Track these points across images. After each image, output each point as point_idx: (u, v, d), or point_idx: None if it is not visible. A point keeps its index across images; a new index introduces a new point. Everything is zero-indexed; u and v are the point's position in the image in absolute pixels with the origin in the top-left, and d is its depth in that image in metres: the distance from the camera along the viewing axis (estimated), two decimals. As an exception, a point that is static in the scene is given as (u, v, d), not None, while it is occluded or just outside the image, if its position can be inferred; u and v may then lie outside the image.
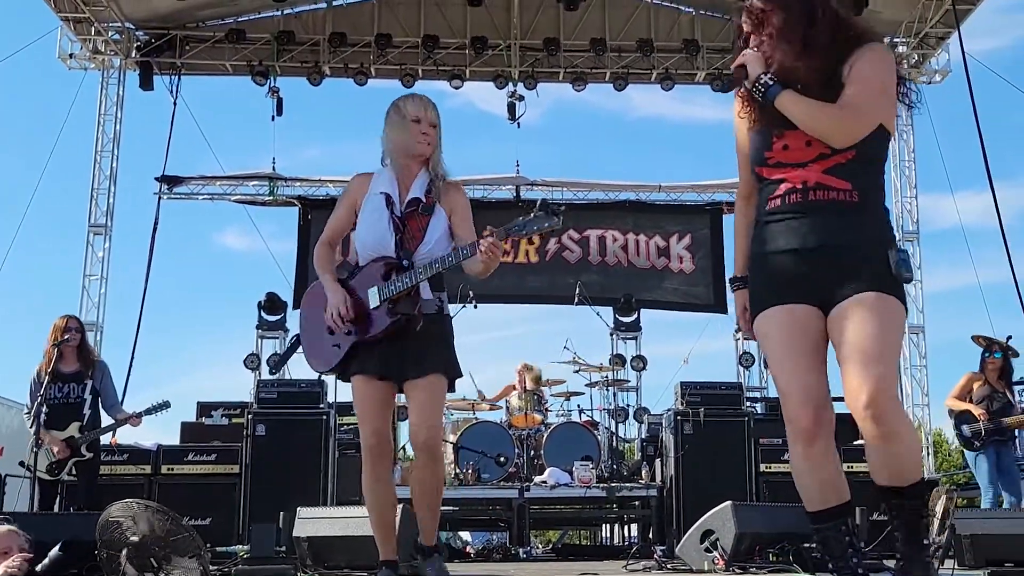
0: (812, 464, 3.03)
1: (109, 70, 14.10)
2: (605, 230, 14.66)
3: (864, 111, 2.97)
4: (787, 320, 3.02)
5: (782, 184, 3.03)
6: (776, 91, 3.00)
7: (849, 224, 2.95)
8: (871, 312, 2.87)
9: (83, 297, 13.38)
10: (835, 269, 2.94)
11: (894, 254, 2.93)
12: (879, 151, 3.07)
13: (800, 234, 2.99)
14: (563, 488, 9.48)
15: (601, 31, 14.11)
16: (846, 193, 2.96)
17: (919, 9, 13.18)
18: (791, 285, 3.01)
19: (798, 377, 3.00)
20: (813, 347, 3.01)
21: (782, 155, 3.04)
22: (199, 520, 8.11)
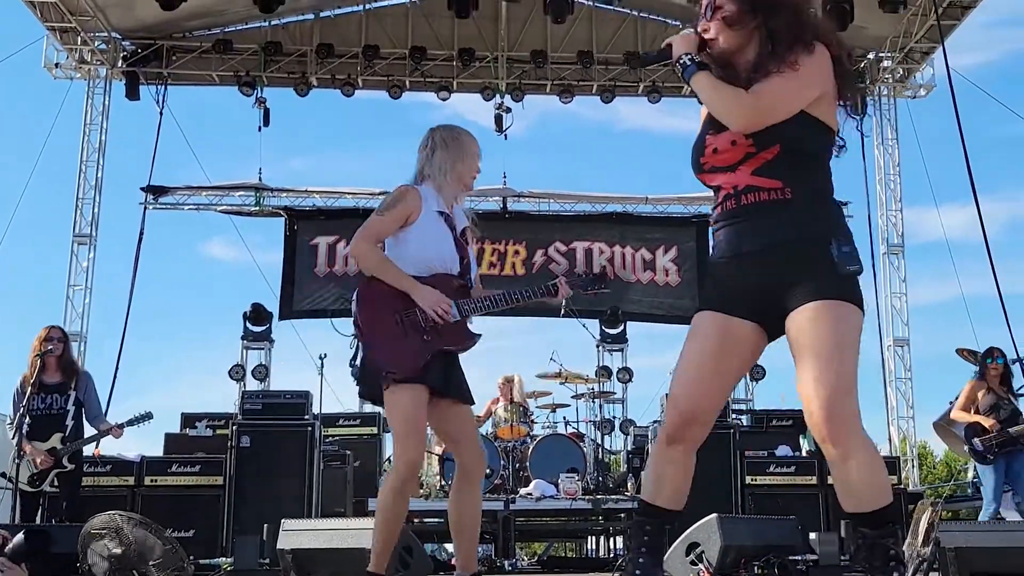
0: (661, 461, 3.06)
1: (95, 80, 14.08)
2: (592, 242, 14.68)
3: (770, 98, 2.90)
4: (711, 328, 2.99)
5: (720, 191, 3.01)
6: (692, 71, 2.99)
7: (783, 222, 2.89)
8: (816, 326, 2.79)
9: (67, 307, 13.32)
10: (776, 274, 2.88)
11: (836, 248, 2.84)
12: (810, 145, 2.98)
13: (738, 240, 2.96)
14: (549, 500, 9.46)
15: (588, 44, 14.16)
16: (777, 192, 2.91)
17: (904, 24, 13.26)
18: (733, 296, 2.97)
19: (687, 384, 3.00)
20: (721, 364, 2.99)
21: (713, 159, 3.01)
22: (182, 532, 8.04)
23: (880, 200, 14.43)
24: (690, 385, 3.00)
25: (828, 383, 2.74)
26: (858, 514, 2.83)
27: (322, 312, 14.33)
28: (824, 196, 3.01)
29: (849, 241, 2.89)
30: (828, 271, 2.83)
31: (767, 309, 2.92)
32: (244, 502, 8.38)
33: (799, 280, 2.84)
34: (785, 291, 2.86)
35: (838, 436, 2.76)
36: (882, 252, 14.25)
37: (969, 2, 12.47)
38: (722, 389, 3.06)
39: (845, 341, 2.81)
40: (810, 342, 2.78)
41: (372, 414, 11.36)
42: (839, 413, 2.75)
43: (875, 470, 2.84)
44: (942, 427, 10.49)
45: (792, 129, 2.91)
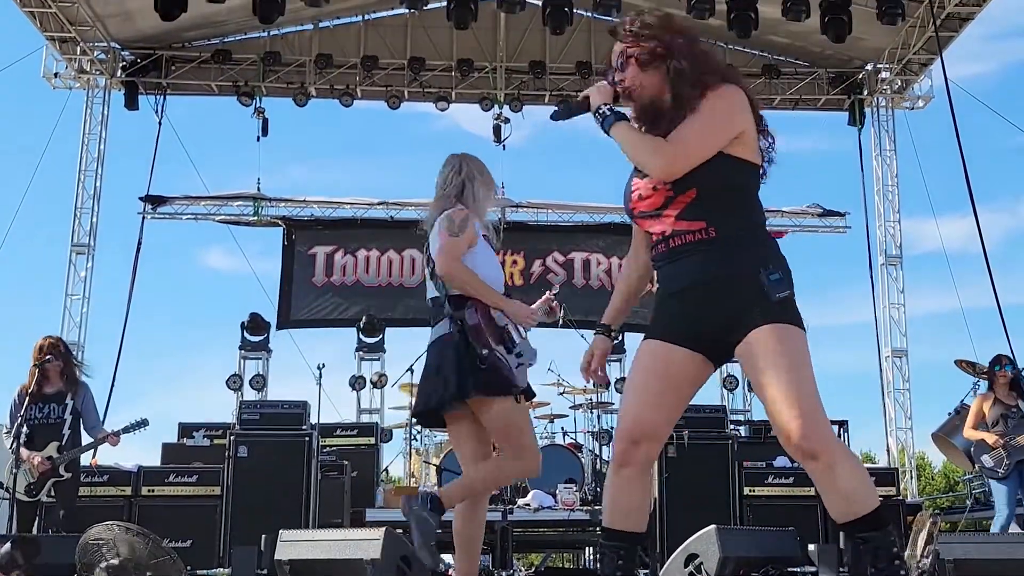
0: (616, 485, 3.09)
1: (94, 89, 14.10)
2: (590, 253, 14.69)
3: (684, 145, 2.98)
4: (656, 355, 3.07)
5: (651, 235, 3.12)
6: (611, 121, 3.07)
7: (711, 259, 2.97)
8: (769, 350, 2.87)
9: (65, 316, 13.31)
10: (712, 307, 2.97)
11: (764, 276, 2.91)
12: (732, 180, 3.03)
13: (673, 279, 3.06)
14: (546, 511, 9.43)
15: (587, 54, 14.18)
16: (701, 232, 2.98)
17: (902, 36, 13.29)
18: (674, 328, 3.06)
19: (634, 409, 3.07)
20: (665, 388, 3.06)
21: (640, 204, 3.11)
22: (180, 542, 8.01)
23: (878, 211, 14.46)
24: (632, 409, 3.07)
25: (798, 401, 2.81)
26: (855, 520, 2.86)
27: (320, 322, 14.36)
28: (751, 228, 3.07)
29: (778, 267, 2.96)
30: (762, 299, 2.91)
31: (707, 339, 3.02)
32: (242, 512, 8.35)
33: (738, 310, 2.93)
34: (725, 322, 2.95)
35: (820, 448, 2.82)
36: (880, 263, 14.27)
37: (967, 14, 12.50)
38: (669, 412, 3.12)
39: (800, 359, 2.90)
40: (768, 365, 2.86)
41: (369, 425, 11.34)
42: (815, 426, 2.82)
43: (861, 473, 2.90)
44: (941, 438, 10.48)
45: (708, 172, 2.97)
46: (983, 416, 8.25)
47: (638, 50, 3.09)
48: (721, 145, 2.99)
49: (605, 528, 3.12)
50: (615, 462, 3.09)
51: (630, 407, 3.09)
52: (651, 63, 3.08)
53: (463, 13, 11.79)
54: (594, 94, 3.15)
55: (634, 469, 3.06)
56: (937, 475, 31.26)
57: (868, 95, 14.59)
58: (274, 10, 11.59)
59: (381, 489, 10.53)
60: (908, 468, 13.64)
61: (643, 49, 3.08)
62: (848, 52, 14.00)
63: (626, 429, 3.07)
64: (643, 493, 3.11)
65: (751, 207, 3.10)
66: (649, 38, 3.09)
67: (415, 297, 14.40)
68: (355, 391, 13.23)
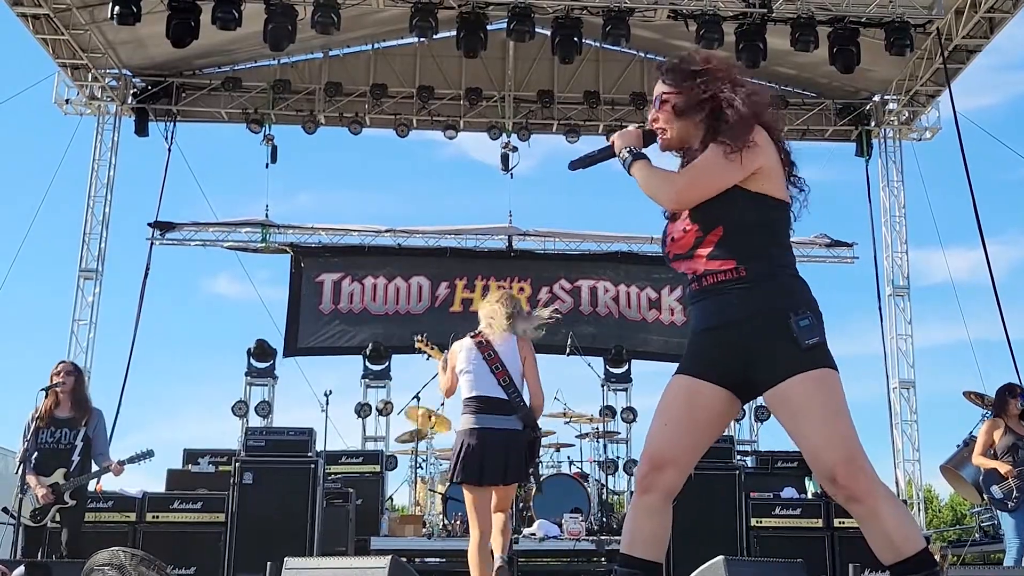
0: (637, 512, 3.10)
1: (105, 116, 14.18)
2: (597, 281, 14.69)
3: (692, 173, 3.06)
4: (684, 389, 3.09)
5: (685, 275, 3.15)
6: (630, 162, 3.15)
7: (741, 299, 2.99)
8: (807, 398, 2.89)
9: (71, 341, 13.33)
10: (743, 347, 2.98)
11: (794, 321, 2.92)
12: (756, 216, 3.06)
13: (704, 317, 3.08)
14: (552, 540, 9.39)
15: (595, 84, 14.26)
16: (731, 271, 3.01)
17: (909, 67, 13.34)
18: (704, 364, 3.07)
19: (658, 439, 3.09)
20: (691, 420, 3.08)
21: (672, 247, 3.16)
22: (184, 569, 8.01)
23: (886, 242, 14.46)
24: (661, 438, 3.09)
25: (842, 446, 2.86)
26: (901, 562, 2.83)
27: (326, 350, 14.35)
28: (781, 268, 3.08)
29: (808, 310, 2.97)
30: (792, 345, 2.92)
31: (734, 377, 3.03)
32: (246, 539, 8.31)
33: (767, 354, 2.94)
34: (755, 362, 2.97)
35: (865, 492, 2.84)
36: (888, 293, 14.24)
37: (975, 46, 12.54)
38: (696, 444, 3.13)
39: (836, 403, 2.92)
40: (804, 414, 2.89)
41: (375, 452, 11.31)
42: (860, 470, 2.85)
43: (906, 515, 2.94)
44: (949, 470, 10.40)
45: (732, 207, 3.02)
46: (992, 444, 8.09)
47: (676, 99, 3.17)
48: (734, 179, 3.02)
49: (623, 554, 3.11)
50: (639, 488, 3.10)
51: (655, 434, 3.10)
52: (686, 113, 3.16)
53: (472, 42, 11.85)
54: (617, 140, 3.23)
55: (656, 497, 3.07)
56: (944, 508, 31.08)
57: (876, 126, 14.62)
58: (284, 38, 11.66)
59: (386, 517, 10.49)
60: (915, 500, 13.56)
61: (682, 98, 3.15)
62: (856, 83, 14.04)
63: (649, 454, 3.09)
64: (665, 523, 3.10)
65: (779, 244, 3.13)
66: (691, 87, 3.15)
67: (421, 324, 14.37)
68: (360, 418, 13.21)
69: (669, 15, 11.92)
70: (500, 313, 5.77)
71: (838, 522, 8.91)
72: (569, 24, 11.85)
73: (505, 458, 5.50)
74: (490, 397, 5.57)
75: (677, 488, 3.11)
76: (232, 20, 11.23)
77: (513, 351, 5.64)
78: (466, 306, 14.43)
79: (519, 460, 5.55)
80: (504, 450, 5.49)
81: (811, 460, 2.92)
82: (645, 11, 11.82)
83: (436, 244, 14.76)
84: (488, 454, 5.50)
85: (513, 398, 5.54)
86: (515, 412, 5.55)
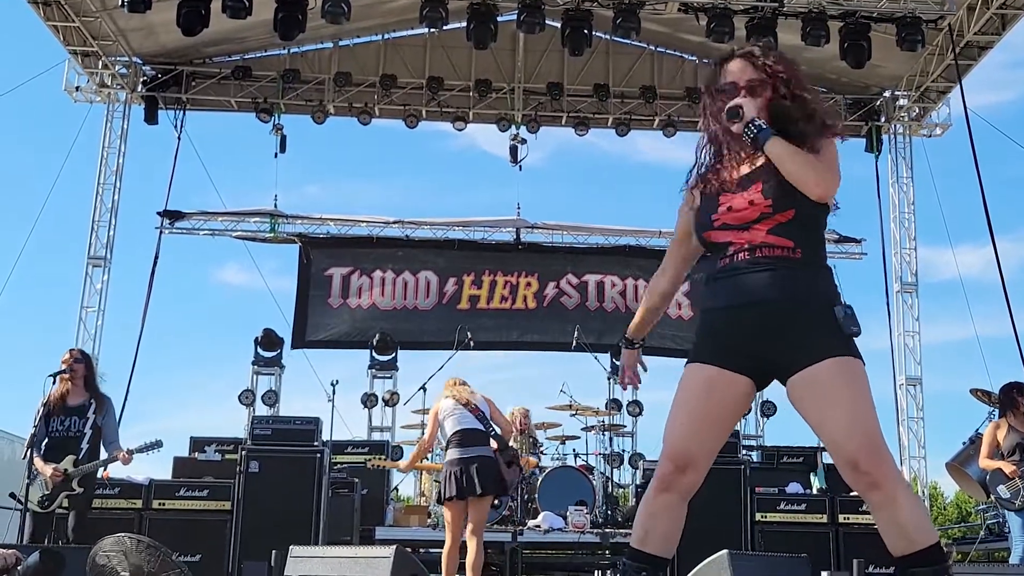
0: (653, 509, 3.09)
1: (114, 103, 14.19)
2: (604, 275, 14.69)
3: (835, 169, 3.09)
4: (703, 379, 3.07)
5: (730, 246, 3.09)
6: (768, 134, 3.07)
7: (795, 278, 3.01)
8: (840, 381, 2.91)
9: (80, 329, 13.35)
10: (777, 328, 2.99)
11: (840, 310, 2.97)
12: (817, 217, 3.12)
13: (747, 290, 3.04)
14: (557, 533, 9.41)
15: (604, 77, 14.23)
16: (789, 250, 3.02)
17: (920, 63, 13.29)
18: (727, 349, 3.06)
19: (679, 435, 3.07)
20: (712, 415, 3.07)
21: (727, 216, 3.11)
22: (189, 556, 8.01)
23: (895, 238, 14.42)
24: (683, 434, 3.06)
25: (868, 432, 2.87)
26: (913, 554, 2.84)
27: (334, 343, 14.37)
28: (825, 261, 3.16)
29: (848, 305, 3.01)
30: (835, 331, 2.96)
31: (759, 362, 3.04)
32: (252, 527, 8.34)
33: (806, 337, 2.96)
34: (790, 342, 2.97)
35: (886, 478, 2.85)
36: (896, 290, 14.21)
37: (986, 42, 12.49)
38: (715, 439, 3.12)
39: (865, 393, 2.94)
40: (838, 396, 2.89)
41: (380, 443, 11.35)
42: (881, 457, 2.87)
43: (922, 507, 2.94)
44: (955, 468, 10.38)
45: (807, 199, 3.03)
46: (998, 444, 8.06)
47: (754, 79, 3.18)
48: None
49: (635, 549, 3.11)
50: (658, 485, 3.08)
51: (676, 431, 3.08)
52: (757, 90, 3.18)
53: (482, 33, 11.84)
54: (747, 105, 3.14)
55: (675, 497, 3.07)
56: (949, 505, 31.02)
57: (886, 122, 14.58)
58: (295, 27, 11.66)
59: (391, 508, 10.51)
60: (921, 498, 13.54)
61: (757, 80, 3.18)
62: (866, 79, 14.00)
63: (673, 453, 3.07)
64: (680, 521, 3.10)
65: (824, 243, 3.20)
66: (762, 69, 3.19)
67: (428, 319, 14.41)
68: (367, 409, 13.24)
69: (680, 8, 11.89)
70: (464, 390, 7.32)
71: (843, 518, 8.91)
72: (579, 16, 11.83)
73: (480, 476, 6.83)
74: (469, 430, 7.03)
75: (696, 488, 3.10)
76: (242, 8, 11.23)
77: (482, 401, 7.20)
78: (473, 303, 14.45)
79: (493, 478, 6.92)
80: (479, 469, 6.83)
81: (834, 444, 2.91)
82: (655, 4, 11.81)
83: (444, 236, 14.76)
84: (466, 474, 6.84)
85: (488, 429, 7.05)
86: (487, 443, 7.01)
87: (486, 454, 6.99)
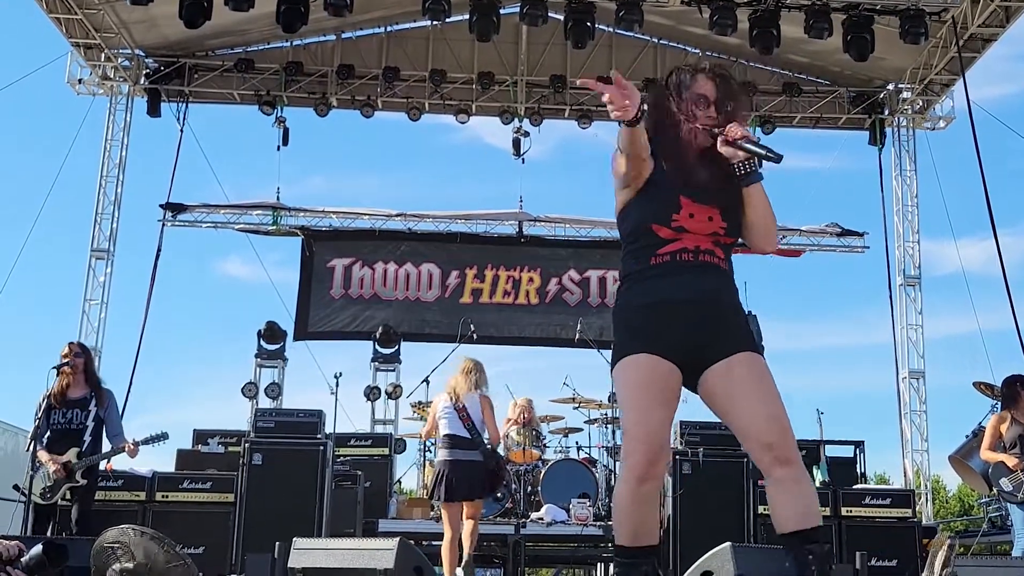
0: (638, 503, 3.19)
1: (117, 96, 14.19)
2: (606, 271, 14.67)
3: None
4: (650, 368, 3.22)
5: (675, 243, 3.29)
6: (760, 177, 3.33)
7: (725, 286, 3.35)
8: (758, 372, 3.22)
9: (83, 321, 13.37)
10: (705, 325, 3.25)
11: (753, 322, 3.34)
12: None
13: (685, 286, 3.26)
14: (559, 525, 9.41)
15: (608, 69, 13.97)
16: (723, 262, 3.35)
17: (924, 56, 13.26)
18: (665, 336, 3.24)
19: (647, 423, 3.18)
20: (666, 400, 3.24)
21: (686, 222, 3.29)
22: (192, 549, 8.02)
23: (898, 231, 14.40)
24: (661, 425, 3.23)
25: (783, 416, 3.18)
26: (811, 529, 3.08)
27: (337, 334, 14.39)
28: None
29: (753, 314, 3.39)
30: (747, 332, 3.35)
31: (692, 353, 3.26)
32: (255, 520, 8.35)
33: (726, 334, 3.26)
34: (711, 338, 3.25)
35: (795, 456, 3.13)
36: (899, 284, 14.19)
37: (990, 35, 12.46)
38: (669, 423, 3.34)
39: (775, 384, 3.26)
40: (755, 382, 3.20)
41: (383, 435, 11.36)
42: (793, 439, 3.18)
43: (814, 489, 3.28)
44: (958, 461, 10.38)
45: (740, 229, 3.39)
46: (1000, 436, 8.05)
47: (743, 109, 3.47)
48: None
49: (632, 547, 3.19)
50: (639, 477, 3.16)
51: (646, 421, 3.19)
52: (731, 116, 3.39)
53: (485, 25, 11.83)
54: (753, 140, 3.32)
55: (654, 485, 3.22)
56: (952, 498, 31.06)
57: (889, 115, 14.55)
58: (297, 19, 11.66)
59: (394, 500, 10.52)
60: (924, 491, 13.54)
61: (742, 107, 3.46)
62: (869, 72, 13.97)
63: (646, 444, 3.17)
64: (658, 505, 3.29)
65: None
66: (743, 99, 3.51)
67: (431, 311, 14.42)
68: (370, 402, 13.25)
69: (683, 1, 11.87)
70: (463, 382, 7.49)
71: (845, 511, 8.92)
72: (582, 9, 11.82)
73: (469, 481, 7.24)
74: (454, 435, 7.32)
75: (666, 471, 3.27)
76: (245, 1, 11.22)
77: (476, 404, 7.37)
78: (476, 296, 14.45)
79: (480, 482, 7.31)
80: (468, 475, 7.23)
81: (752, 426, 3.15)
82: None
83: (447, 229, 14.76)
84: (456, 479, 7.24)
85: (475, 437, 7.29)
86: (474, 447, 7.27)
87: (471, 458, 7.33)
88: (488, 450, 7.44)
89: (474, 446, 7.33)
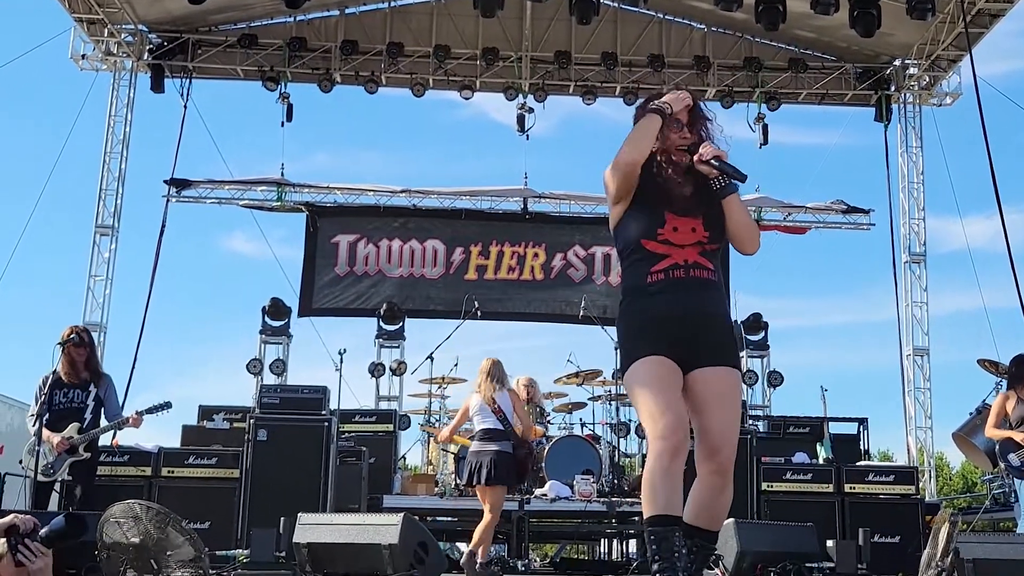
0: (672, 476, 3.42)
1: (121, 72, 14.15)
2: (611, 247, 14.59)
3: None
4: (663, 365, 3.54)
5: (667, 259, 3.60)
6: (735, 188, 3.67)
7: (714, 298, 3.65)
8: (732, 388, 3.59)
9: (88, 298, 13.40)
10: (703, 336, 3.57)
11: (736, 328, 3.51)
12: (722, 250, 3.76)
13: (680, 304, 3.57)
14: (563, 501, 9.44)
15: (612, 45, 14.14)
16: (711, 273, 3.64)
17: (931, 32, 13.18)
18: (666, 343, 3.55)
19: (674, 407, 3.46)
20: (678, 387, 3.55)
21: (671, 235, 3.62)
22: (198, 524, 8.05)
23: (903, 208, 14.36)
24: (671, 399, 3.49)
25: (736, 435, 3.62)
26: (710, 531, 3.58)
27: (341, 311, 14.41)
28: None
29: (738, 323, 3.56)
30: (733, 344, 3.74)
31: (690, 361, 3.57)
32: (260, 495, 8.39)
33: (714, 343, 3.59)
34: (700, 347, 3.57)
35: (730, 471, 3.54)
36: (904, 260, 14.17)
37: (998, 10, 12.39)
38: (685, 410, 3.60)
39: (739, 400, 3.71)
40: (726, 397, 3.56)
41: (388, 412, 11.37)
42: (734, 456, 3.57)
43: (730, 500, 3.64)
44: (962, 438, 10.40)
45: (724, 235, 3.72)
46: (1005, 415, 8.04)
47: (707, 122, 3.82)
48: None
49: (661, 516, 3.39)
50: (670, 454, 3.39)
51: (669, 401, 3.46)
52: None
53: (490, 1, 11.77)
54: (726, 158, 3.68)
55: (683, 459, 3.42)
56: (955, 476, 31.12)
57: (895, 91, 14.48)
58: (301, -5, 11.60)
59: (398, 476, 10.56)
60: (927, 468, 13.57)
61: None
62: (876, 47, 13.90)
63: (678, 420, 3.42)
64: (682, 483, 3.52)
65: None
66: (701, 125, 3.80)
67: (435, 288, 14.43)
68: (374, 378, 13.27)
69: (689, -24, 11.80)
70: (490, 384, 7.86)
71: (848, 487, 8.94)
72: (587, -16, 11.74)
73: (493, 468, 7.54)
74: (492, 428, 7.70)
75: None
76: (248, -24, 11.17)
77: (506, 399, 7.83)
78: (480, 273, 14.44)
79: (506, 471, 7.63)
80: (493, 462, 7.56)
81: (710, 432, 3.53)
82: (665, -28, 11.72)
83: (451, 205, 14.74)
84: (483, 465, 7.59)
85: (507, 428, 7.70)
86: (508, 439, 7.67)
87: (504, 449, 7.67)
88: (519, 438, 7.87)
89: (507, 437, 7.76)
